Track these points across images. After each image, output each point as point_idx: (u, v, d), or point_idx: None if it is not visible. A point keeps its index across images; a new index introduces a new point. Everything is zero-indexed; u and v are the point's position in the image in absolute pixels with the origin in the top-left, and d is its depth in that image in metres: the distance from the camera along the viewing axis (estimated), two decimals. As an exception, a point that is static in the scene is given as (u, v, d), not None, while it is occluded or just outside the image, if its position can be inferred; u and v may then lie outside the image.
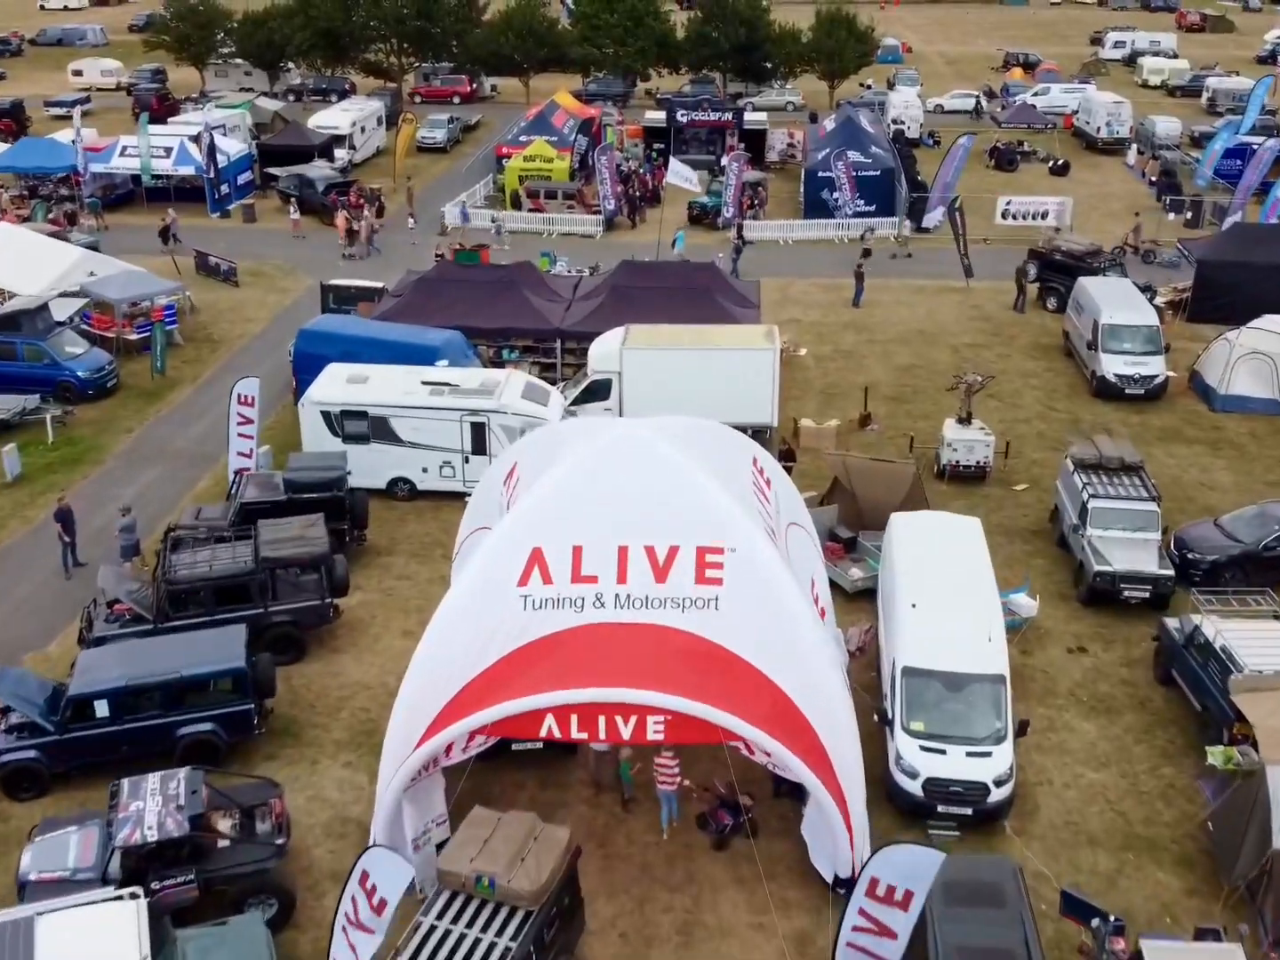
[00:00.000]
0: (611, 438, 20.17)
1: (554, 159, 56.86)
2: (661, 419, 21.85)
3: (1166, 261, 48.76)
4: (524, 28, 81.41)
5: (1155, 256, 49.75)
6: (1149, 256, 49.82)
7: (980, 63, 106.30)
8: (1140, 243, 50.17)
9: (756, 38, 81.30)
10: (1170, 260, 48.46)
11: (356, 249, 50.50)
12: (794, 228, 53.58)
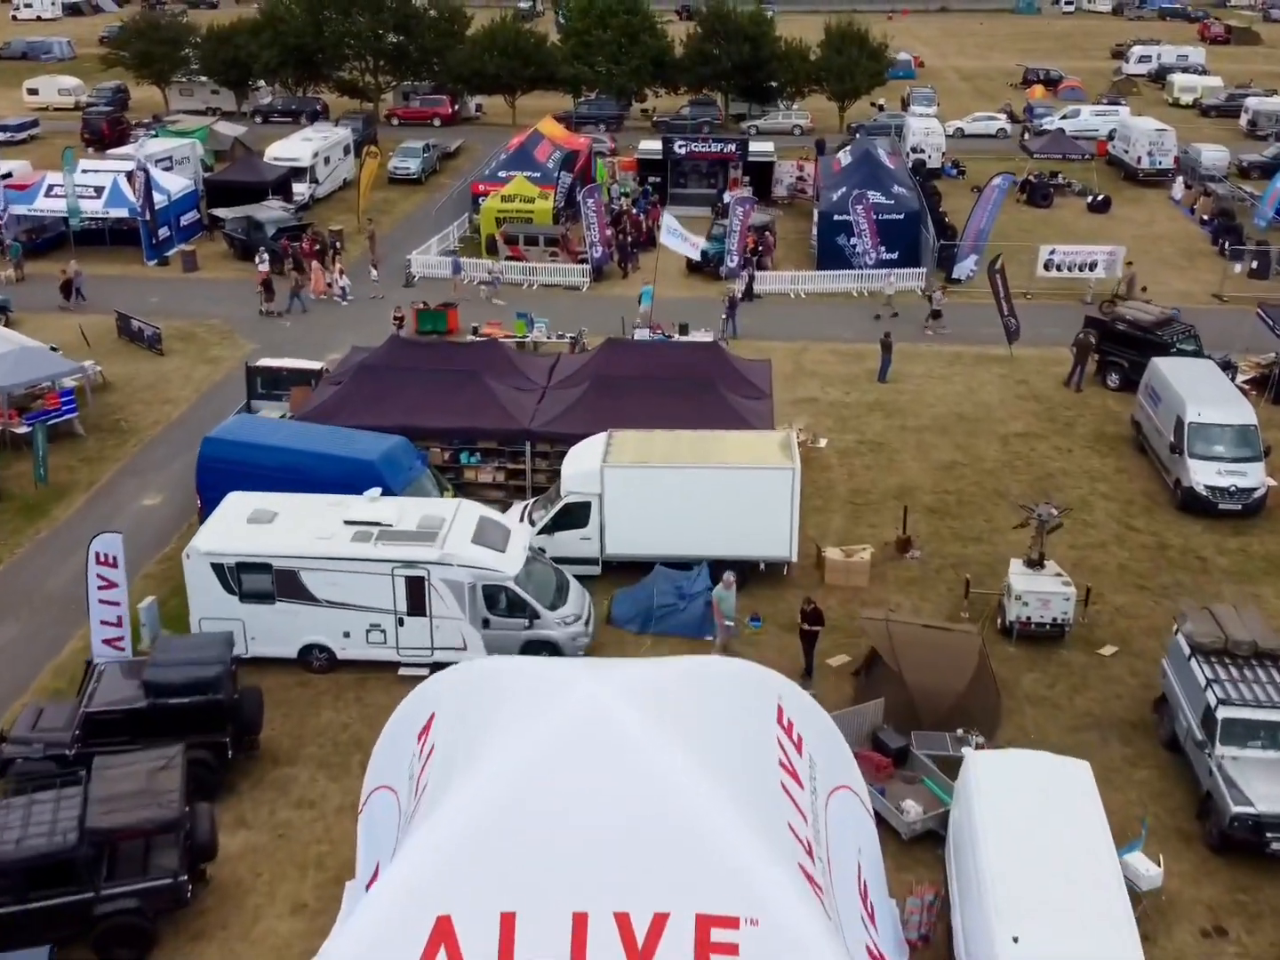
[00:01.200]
0: (564, 716, 13.33)
1: (536, 198, 50.00)
2: (639, 668, 15.13)
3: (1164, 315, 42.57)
4: (509, 45, 74.61)
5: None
6: None
7: (998, 78, 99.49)
8: (1136, 295, 43.67)
9: (761, 55, 74.52)
10: (1172, 315, 42.18)
11: (276, 305, 43.70)
12: (807, 279, 46.70)
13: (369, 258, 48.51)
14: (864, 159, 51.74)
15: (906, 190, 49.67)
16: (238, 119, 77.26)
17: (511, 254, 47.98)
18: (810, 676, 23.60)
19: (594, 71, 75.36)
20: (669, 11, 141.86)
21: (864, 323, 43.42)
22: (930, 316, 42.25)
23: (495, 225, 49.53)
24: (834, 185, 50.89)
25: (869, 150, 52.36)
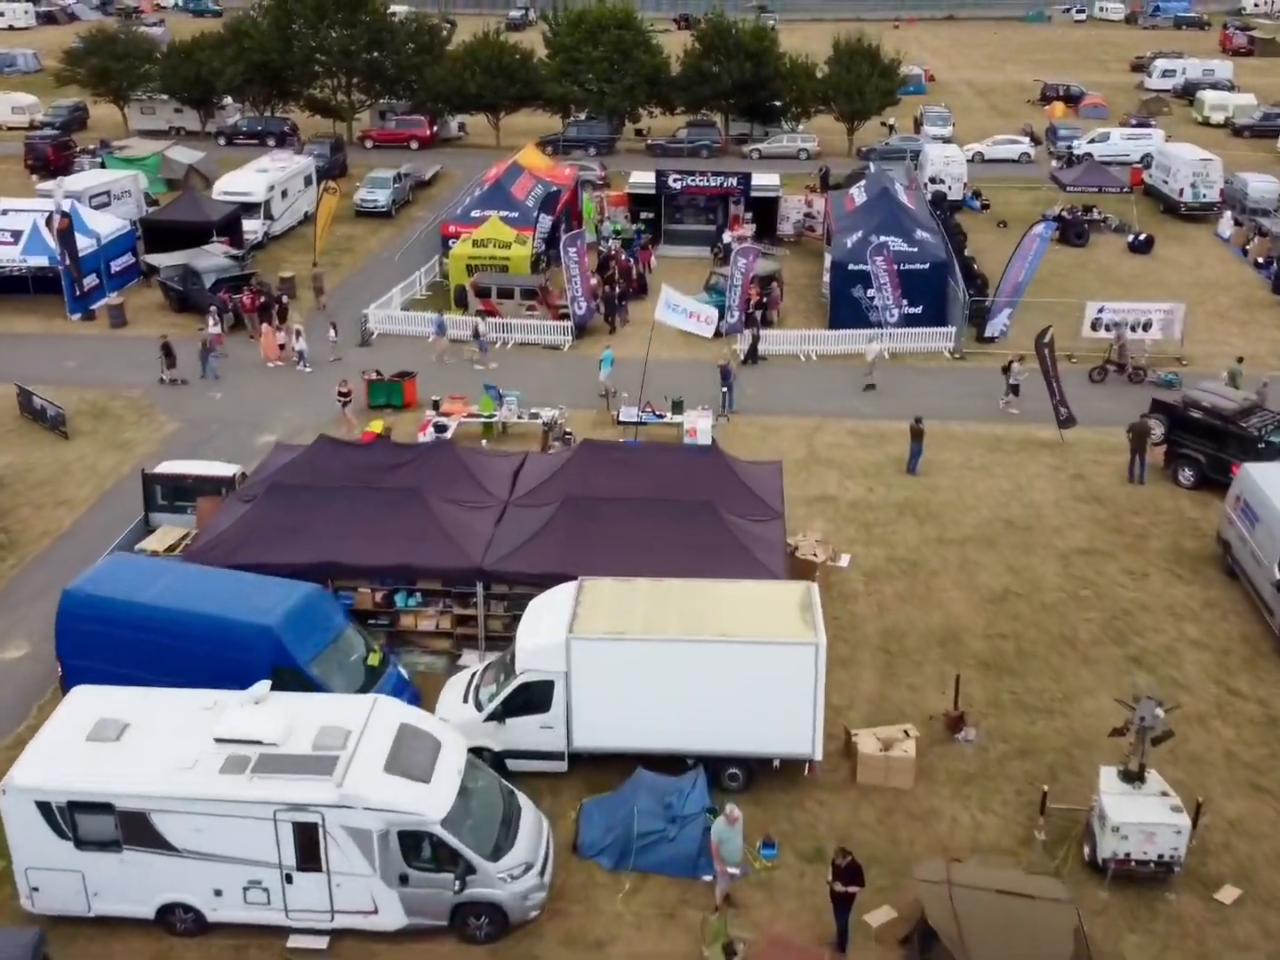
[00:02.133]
0: None
1: (512, 243, 43.84)
2: None
3: (1160, 381, 37.19)
4: (491, 62, 68.49)
5: (1146, 375, 37.83)
6: (1138, 376, 37.73)
7: (1013, 94, 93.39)
8: (1127, 359, 37.89)
9: (763, 74, 68.40)
10: (1166, 379, 36.92)
11: (178, 372, 37.61)
12: (819, 339, 40.55)
13: (319, 306, 42.24)
14: (881, 198, 45.56)
15: (931, 235, 43.53)
16: (201, 140, 71.27)
17: (483, 308, 41.85)
18: (844, 951, 17.50)
19: (583, 90, 69.25)
20: (666, 20, 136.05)
21: (886, 394, 37.32)
22: (1008, 392, 35.91)
23: (466, 274, 43.41)
24: (848, 227, 44.78)
25: (886, 188, 46.18)
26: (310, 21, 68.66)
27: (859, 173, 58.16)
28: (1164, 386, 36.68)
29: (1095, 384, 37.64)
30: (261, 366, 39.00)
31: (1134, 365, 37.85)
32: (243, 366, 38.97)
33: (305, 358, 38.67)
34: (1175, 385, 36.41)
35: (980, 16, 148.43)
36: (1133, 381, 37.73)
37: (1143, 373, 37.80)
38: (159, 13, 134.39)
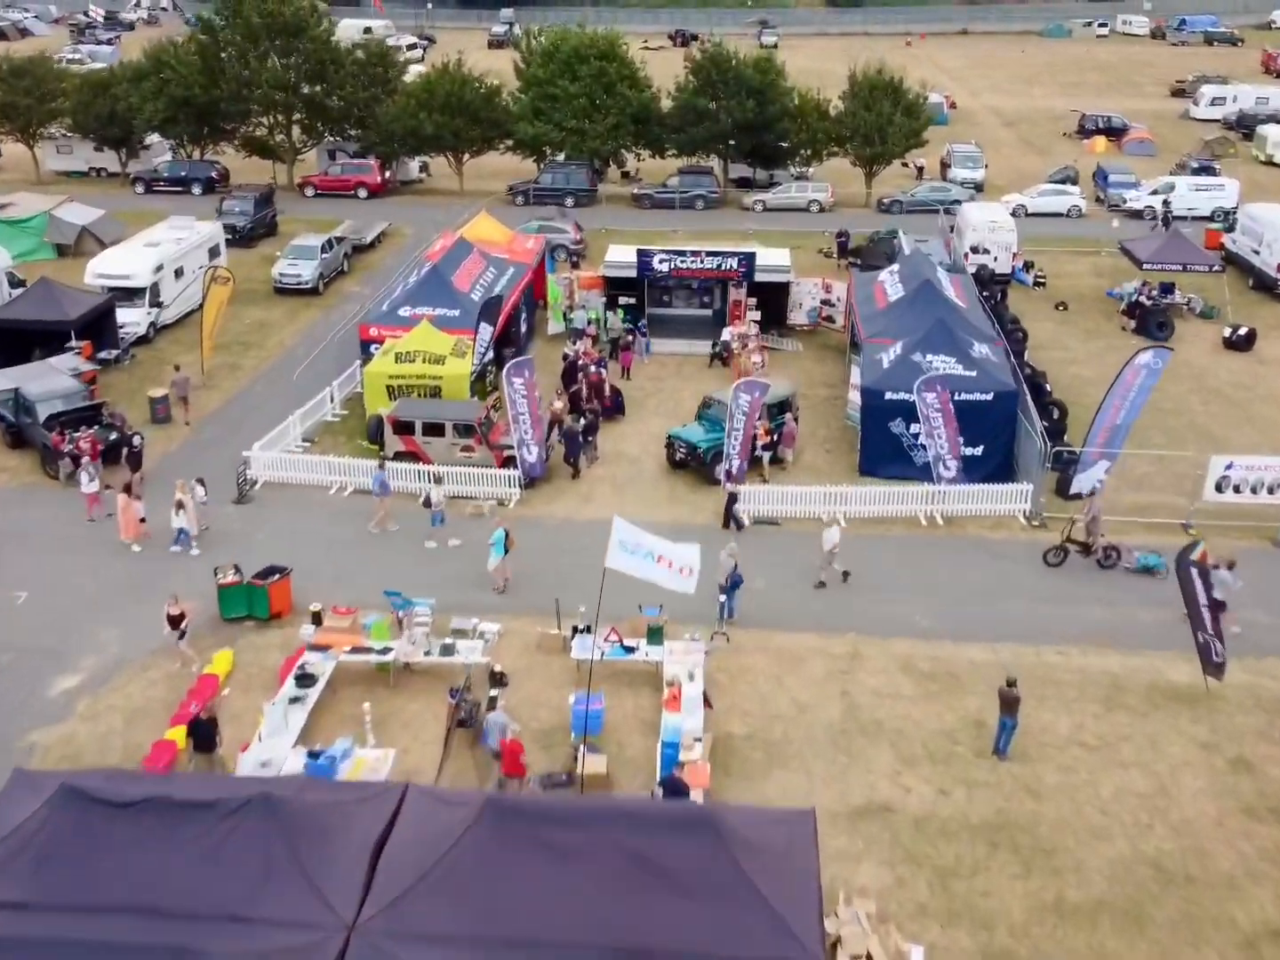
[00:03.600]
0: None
1: (447, 356, 33.35)
2: None
3: (1139, 567, 27.36)
4: (450, 99, 57.99)
5: (1119, 557, 27.62)
6: (1109, 558, 27.62)
7: (1044, 124, 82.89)
8: (1096, 535, 27.67)
9: (768, 114, 57.87)
10: (1147, 564, 27.23)
11: None
12: (847, 498, 29.98)
13: (237, 468, 31.50)
14: (923, 295, 35.13)
15: (992, 351, 33.05)
16: (118, 185, 60.95)
17: (405, 448, 31.38)
18: None
19: (559, 130, 58.71)
20: (660, 35, 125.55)
21: (951, 588, 26.88)
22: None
23: (386, 398, 32.93)
24: (881, 331, 34.44)
25: (929, 281, 35.72)
26: (240, 50, 58.10)
27: (886, 241, 47.73)
28: (1144, 573, 26.70)
29: (1052, 568, 27.48)
30: (119, 545, 28.43)
31: (1105, 545, 27.44)
32: (90, 543, 28.49)
33: (189, 537, 28.09)
34: (1160, 571, 26.32)
35: (996, 31, 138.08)
36: (1103, 566, 27.44)
37: (1115, 554, 27.43)
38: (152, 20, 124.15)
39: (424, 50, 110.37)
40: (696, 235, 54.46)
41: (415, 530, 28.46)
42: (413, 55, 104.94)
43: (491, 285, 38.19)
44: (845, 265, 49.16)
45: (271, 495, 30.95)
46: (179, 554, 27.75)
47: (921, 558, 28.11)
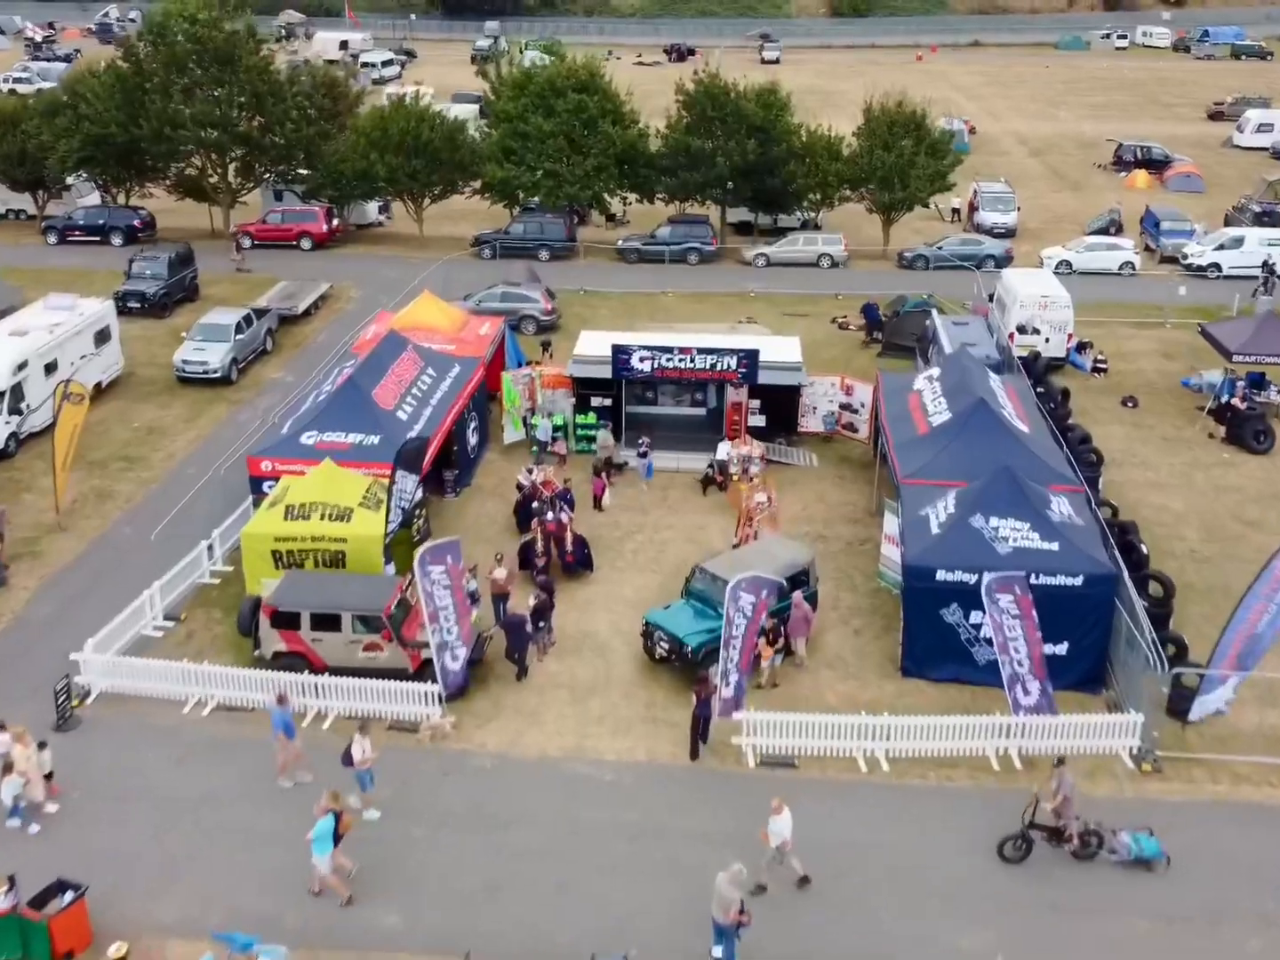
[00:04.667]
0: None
1: (353, 510, 25.01)
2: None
3: (1131, 857, 19.17)
4: (405, 138, 49.67)
5: (1101, 844, 19.13)
6: (1087, 846, 19.05)
7: (1074, 152, 74.50)
8: (1069, 820, 19.21)
9: (773, 155, 49.56)
10: (1142, 853, 18.93)
11: None
12: (890, 730, 21.54)
13: (56, 686, 23.35)
14: (976, 419, 26.89)
15: (1071, 507, 24.73)
16: (30, 233, 52.81)
17: (288, 648, 23.09)
18: None
19: (531, 173, 50.40)
20: (654, 49, 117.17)
21: (1041, 889, 18.61)
22: None
23: (272, 567, 24.64)
24: (921, 465, 26.33)
25: (983, 401, 27.38)
26: (162, 82, 49.76)
27: (915, 316, 39.52)
28: (1141, 865, 18.49)
29: (1009, 863, 19.08)
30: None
31: (1084, 831, 19.06)
32: None
33: (20, 810, 19.88)
34: (1160, 863, 18.21)
35: (1008, 43, 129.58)
36: (1078, 857, 19.07)
37: (1096, 840, 19.11)
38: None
39: (402, 67, 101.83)
40: (689, 299, 46.30)
41: (335, 781, 20.16)
42: (388, 73, 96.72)
43: (427, 396, 29.91)
44: (870, 342, 40.97)
45: (107, 714, 22.72)
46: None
47: (993, 826, 19.78)
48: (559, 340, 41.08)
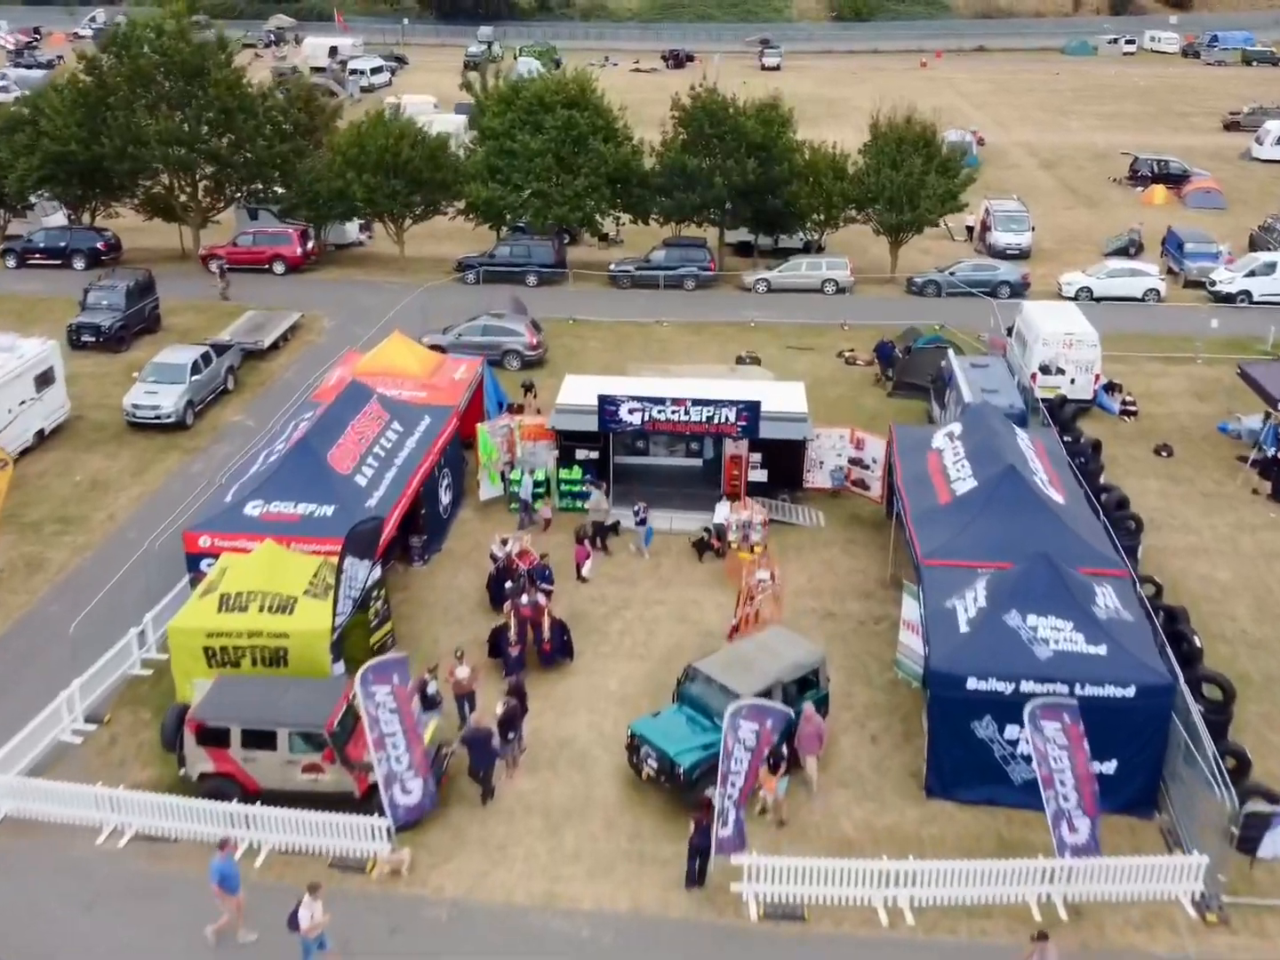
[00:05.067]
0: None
1: (297, 599, 21.77)
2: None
3: None
4: (383, 157, 46.49)
5: None
6: None
7: (1088, 164, 71.27)
8: None
9: (774, 175, 46.37)
10: None
11: None
12: (915, 876, 18.32)
13: None
14: (1005, 490, 23.72)
15: (1118, 600, 21.53)
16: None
17: (216, 768, 19.88)
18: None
19: (517, 193, 47.23)
20: (652, 55, 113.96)
21: None
22: None
23: (205, 666, 21.44)
24: (944, 542, 23.22)
25: (1014, 471, 24.18)
26: (126, 98, 46.58)
27: (929, 355, 36.37)
28: None
29: None
30: None
31: None
32: None
33: None
34: None
35: (1014, 48, 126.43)
36: None
37: None
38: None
39: (392, 74, 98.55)
40: (685, 329, 43.13)
41: (282, 944, 17.00)
42: (378, 80, 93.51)
43: (392, 454, 26.73)
44: (882, 380, 37.85)
45: (10, 844, 19.55)
46: None
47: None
48: (544, 377, 37.96)
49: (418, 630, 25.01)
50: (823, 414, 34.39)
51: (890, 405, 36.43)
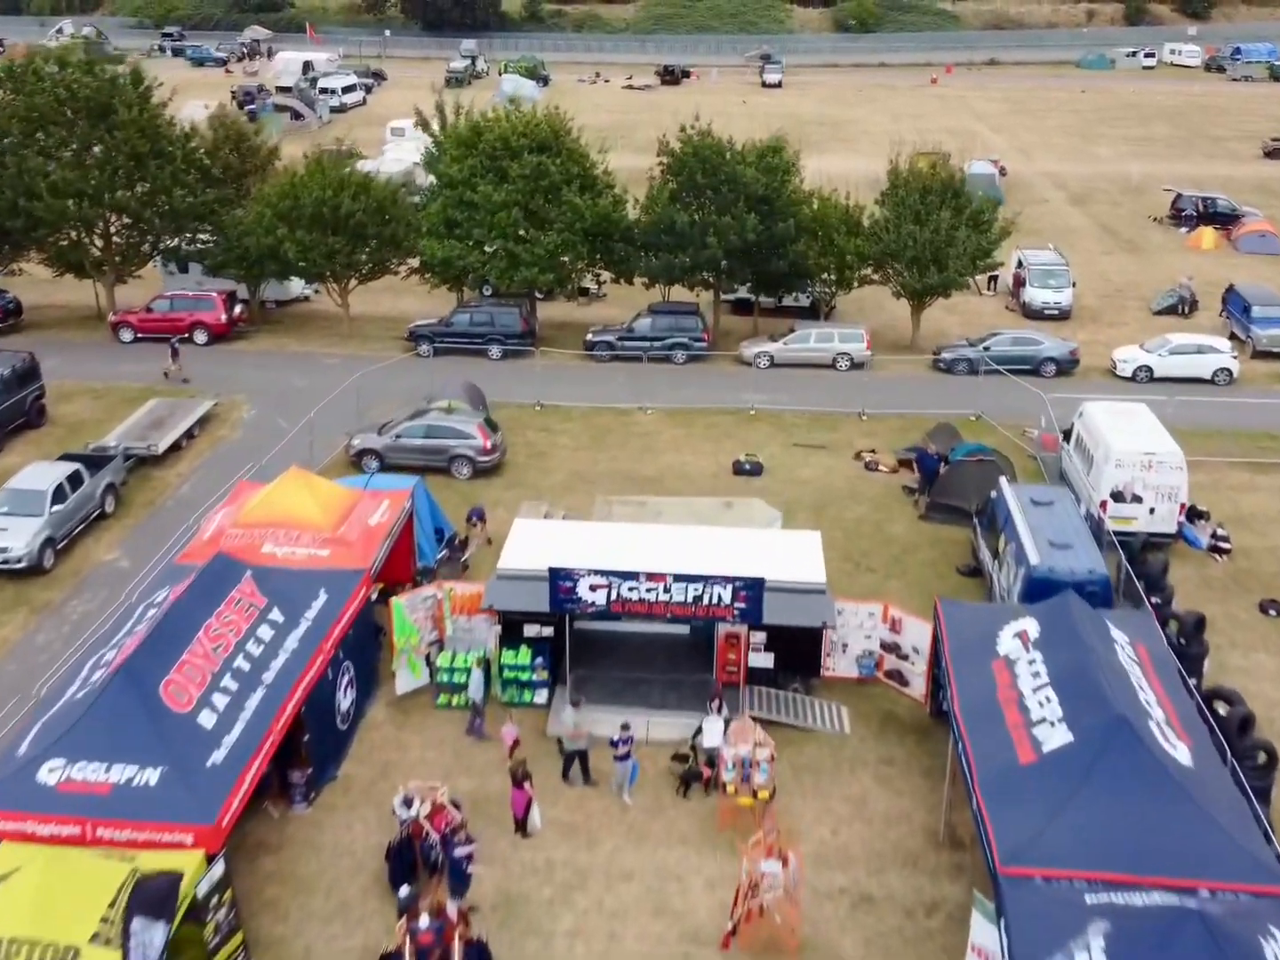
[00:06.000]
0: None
1: (81, 947, 14.45)
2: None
3: None
4: (324, 213, 39.19)
5: None
6: None
7: (1122, 199, 63.92)
8: None
9: (777, 232, 39.01)
10: None
11: None
12: None
13: None
14: (1117, 744, 16.49)
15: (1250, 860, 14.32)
16: None
17: None
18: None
19: (479, 251, 39.95)
20: (646, 70, 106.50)
21: None
22: None
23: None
24: (1030, 837, 15.90)
25: (1126, 722, 16.85)
26: (15, 145, 39.26)
27: (973, 470, 29.08)
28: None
29: None
30: None
31: None
32: None
33: None
34: None
35: (1027, 61, 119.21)
36: None
37: None
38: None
39: (368, 91, 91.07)
40: (673, 418, 35.91)
41: None
42: (350, 99, 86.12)
43: (262, 664, 19.41)
44: (914, 494, 30.62)
45: None
46: None
47: None
48: (500, 490, 30.87)
49: (286, 934, 17.71)
50: (839, 546, 27.30)
51: (924, 534, 29.17)
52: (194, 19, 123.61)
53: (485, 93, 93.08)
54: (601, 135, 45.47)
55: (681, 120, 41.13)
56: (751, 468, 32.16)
